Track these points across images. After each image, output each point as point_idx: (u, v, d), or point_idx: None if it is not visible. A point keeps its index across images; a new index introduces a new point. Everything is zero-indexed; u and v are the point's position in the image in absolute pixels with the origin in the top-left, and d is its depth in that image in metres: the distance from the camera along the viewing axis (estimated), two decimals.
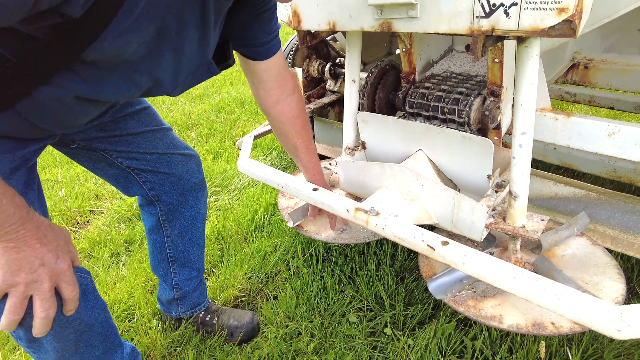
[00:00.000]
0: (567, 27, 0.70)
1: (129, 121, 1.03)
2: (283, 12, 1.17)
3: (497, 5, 0.75)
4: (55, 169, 2.54)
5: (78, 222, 2.02)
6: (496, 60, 1.08)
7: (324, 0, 0.99)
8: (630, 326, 0.71)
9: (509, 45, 1.04)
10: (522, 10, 0.73)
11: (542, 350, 1.15)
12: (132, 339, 1.33)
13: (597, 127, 1.24)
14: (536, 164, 1.84)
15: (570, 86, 2.17)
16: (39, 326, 0.70)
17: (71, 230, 1.94)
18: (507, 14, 0.74)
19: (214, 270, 1.61)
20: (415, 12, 0.84)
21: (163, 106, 3.34)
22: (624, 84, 1.91)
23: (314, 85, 1.94)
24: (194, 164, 1.19)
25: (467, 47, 0.84)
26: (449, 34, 0.85)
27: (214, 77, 4.02)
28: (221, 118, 3.05)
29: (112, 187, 2.22)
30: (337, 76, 1.89)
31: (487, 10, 0.76)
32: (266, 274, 1.57)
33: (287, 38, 2.27)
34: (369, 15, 0.92)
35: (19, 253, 0.65)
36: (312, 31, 1.21)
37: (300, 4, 1.05)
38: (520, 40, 0.83)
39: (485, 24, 0.77)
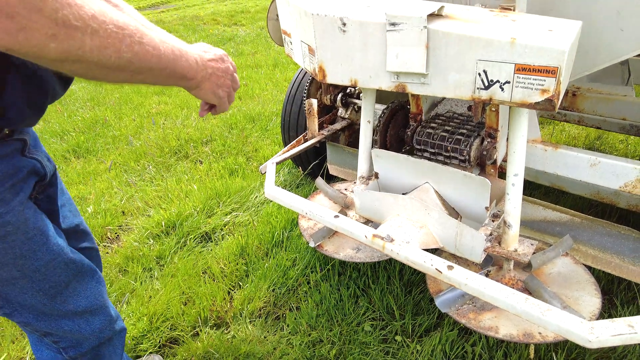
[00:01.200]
0: (548, 104, 0.88)
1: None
2: (308, 64, 1.35)
3: (494, 81, 0.93)
4: (80, 185, 2.71)
5: (108, 238, 2.19)
6: (493, 109, 1.27)
7: (347, 61, 1.17)
8: (599, 338, 0.90)
9: None
10: (513, 87, 0.92)
11: (532, 352, 1.35)
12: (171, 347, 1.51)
13: (580, 158, 1.44)
14: (530, 184, 2.03)
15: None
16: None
17: (103, 245, 2.12)
18: (502, 89, 0.93)
19: (240, 283, 1.79)
20: (427, 80, 1.03)
21: (177, 121, 3.52)
22: (607, 110, 2.10)
23: (326, 112, 2.12)
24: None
25: (469, 108, 1.02)
26: (455, 97, 1.03)
27: None
28: (233, 134, 3.23)
29: (138, 203, 2.39)
30: (348, 104, 2.07)
31: (486, 84, 0.95)
32: (287, 287, 1.75)
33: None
34: (386, 77, 1.11)
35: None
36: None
37: (325, 61, 1.23)
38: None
39: (484, 94, 0.96)
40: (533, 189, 2.25)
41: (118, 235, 2.20)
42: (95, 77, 0.65)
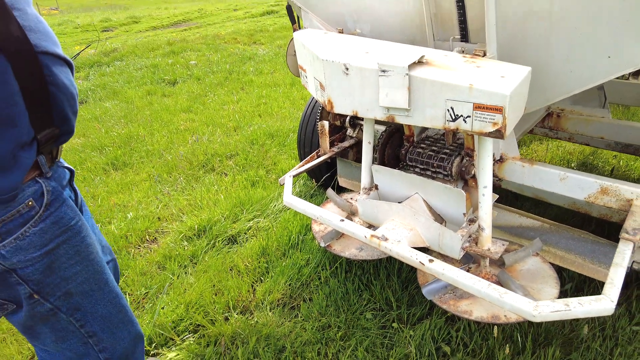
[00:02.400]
0: (498, 133, 1.17)
1: None
2: (320, 96, 1.66)
3: (459, 115, 1.22)
4: (120, 194, 3.07)
5: (147, 240, 2.53)
6: (469, 134, 1.56)
7: (350, 96, 1.47)
8: (541, 313, 1.16)
9: None
10: (473, 120, 1.20)
11: (495, 332, 1.62)
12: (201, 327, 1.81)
13: (552, 173, 1.70)
14: (519, 196, 2.28)
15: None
16: None
17: (143, 246, 2.45)
18: (465, 121, 1.22)
19: (261, 278, 2.09)
20: (410, 113, 1.32)
21: (204, 137, 3.88)
22: (588, 130, 2.35)
23: (336, 131, 2.42)
24: None
25: (443, 134, 1.31)
26: (431, 127, 1.32)
27: (245, 108, 4.57)
28: (255, 149, 3.56)
29: (172, 210, 2.73)
30: (355, 125, 2.37)
31: (454, 117, 1.24)
32: (302, 282, 2.04)
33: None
34: (380, 110, 1.40)
35: None
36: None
37: (333, 95, 1.54)
38: None
39: (452, 125, 1.25)
40: (523, 200, 2.49)
41: (155, 238, 2.53)
42: None
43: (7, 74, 0.75)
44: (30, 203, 0.84)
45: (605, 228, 2.17)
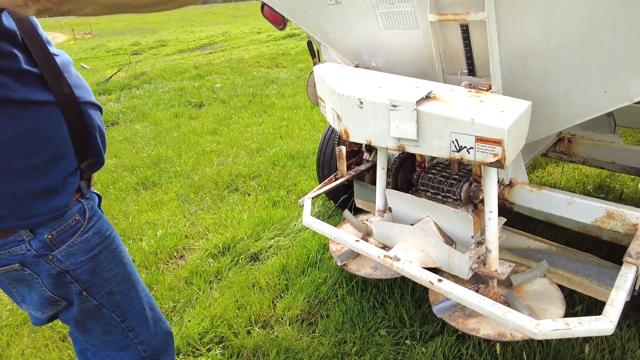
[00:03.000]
0: (499, 164, 1.28)
1: None
2: (337, 126, 1.80)
3: (463, 147, 1.34)
4: (150, 212, 3.26)
5: (175, 256, 2.69)
6: (472, 163, 1.66)
7: (364, 127, 1.61)
8: (542, 332, 1.24)
9: None
10: (476, 151, 1.32)
11: (498, 348, 1.68)
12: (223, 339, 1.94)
13: (559, 198, 1.78)
14: (531, 219, 2.34)
15: None
16: None
17: (172, 262, 2.61)
18: (469, 152, 1.33)
19: (281, 295, 2.21)
20: (418, 144, 1.44)
21: (228, 159, 4.07)
22: (599, 155, 2.41)
23: (353, 155, 2.56)
24: None
25: (447, 164, 1.42)
26: (438, 156, 1.44)
27: (267, 131, 4.76)
28: (276, 170, 3.73)
29: (199, 229, 2.90)
30: (371, 150, 2.50)
31: (458, 148, 1.35)
32: (319, 299, 2.15)
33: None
34: (391, 140, 1.53)
35: None
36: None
37: (349, 126, 1.67)
38: None
39: (457, 155, 1.37)
40: (536, 222, 2.55)
41: (183, 255, 2.70)
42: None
43: (61, 121, 0.95)
44: (77, 217, 1.03)
45: (617, 251, 2.21)
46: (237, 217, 2.98)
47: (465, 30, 1.59)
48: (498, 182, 1.86)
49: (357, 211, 2.63)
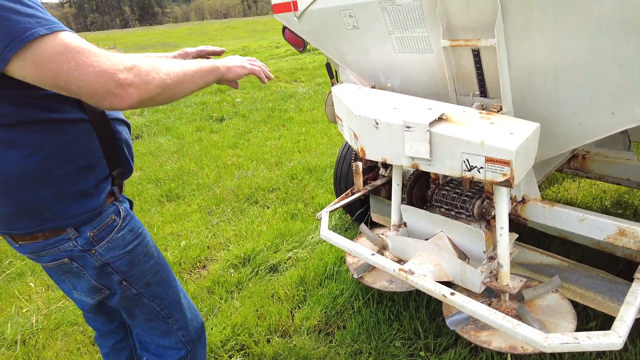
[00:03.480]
0: (507, 183, 1.35)
1: None
2: (354, 144, 1.89)
3: (474, 166, 1.41)
4: (173, 224, 3.40)
5: (198, 267, 2.80)
6: (482, 182, 1.73)
7: (379, 146, 1.69)
8: (551, 345, 1.29)
9: None
10: (486, 171, 1.39)
11: (509, 358, 1.71)
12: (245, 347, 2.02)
13: (571, 214, 1.83)
14: (546, 235, 2.38)
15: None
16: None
17: (195, 272, 2.73)
18: (479, 171, 1.41)
19: (299, 305, 2.29)
20: (431, 163, 1.52)
21: (248, 172, 4.21)
22: (613, 172, 2.44)
23: (370, 171, 2.64)
24: None
25: (460, 181, 1.49)
26: (450, 175, 1.52)
27: (285, 144, 4.89)
28: (294, 184, 3.83)
29: (220, 240, 3.01)
30: (387, 165, 2.58)
31: (469, 168, 1.43)
32: (336, 310, 2.22)
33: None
34: (405, 159, 1.61)
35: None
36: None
37: (365, 144, 1.76)
38: None
39: (468, 174, 1.44)
40: (551, 238, 2.57)
41: (205, 265, 2.81)
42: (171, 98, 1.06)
43: (93, 135, 1.11)
44: (113, 217, 1.18)
45: (633, 268, 2.21)
46: (257, 229, 3.08)
47: (476, 54, 1.68)
48: (511, 198, 1.92)
49: (373, 225, 2.70)
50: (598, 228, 1.78)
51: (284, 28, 2.42)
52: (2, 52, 0.81)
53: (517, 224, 2.00)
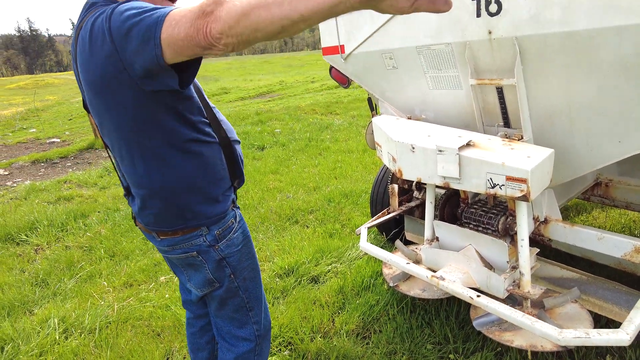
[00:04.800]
0: (524, 198, 1.60)
1: None
2: (392, 166, 2.18)
3: (496, 184, 1.67)
4: None
5: None
6: (504, 198, 1.97)
7: (415, 167, 1.98)
8: (565, 338, 1.50)
9: None
10: (506, 188, 1.65)
11: (529, 355, 1.89)
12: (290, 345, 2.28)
13: (590, 233, 2.03)
14: (572, 256, 2.54)
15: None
16: None
17: None
18: (501, 189, 1.66)
19: (339, 312, 2.54)
20: (460, 181, 1.79)
21: (289, 195, 4.55)
22: (636, 199, 2.60)
23: (404, 193, 2.91)
24: None
25: (487, 200, 1.75)
26: (476, 192, 1.78)
27: (323, 171, 5.23)
28: (331, 206, 4.13)
29: (266, 253, 3.32)
30: (421, 188, 2.85)
31: (492, 185, 1.69)
32: (372, 317, 2.45)
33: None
34: (438, 178, 1.89)
35: None
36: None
37: (402, 166, 2.06)
38: None
39: (491, 191, 1.70)
40: (577, 260, 2.73)
41: None
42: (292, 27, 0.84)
43: (221, 153, 1.39)
44: (232, 220, 1.43)
45: None
46: (299, 245, 3.38)
47: (500, 91, 1.96)
48: (534, 218, 2.15)
49: (406, 243, 2.94)
50: (615, 246, 1.97)
51: (331, 67, 2.80)
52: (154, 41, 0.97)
53: (543, 247, 2.20)
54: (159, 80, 1.08)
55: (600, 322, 2.13)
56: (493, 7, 1.71)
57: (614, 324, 2.11)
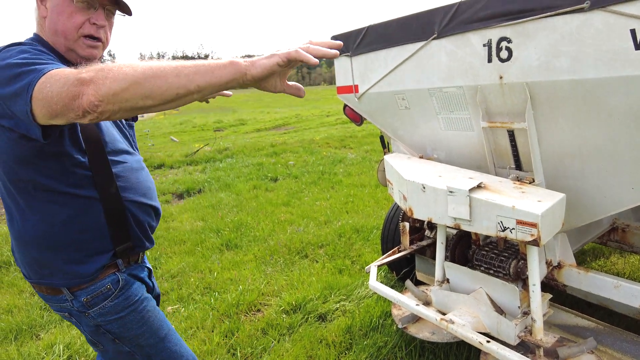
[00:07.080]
0: (535, 242, 1.58)
1: None
2: (402, 205, 2.19)
3: (507, 227, 1.66)
4: (232, 270, 3.74)
5: (254, 310, 3.08)
6: (514, 242, 1.95)
7: (425, 207, 1.98)
8: None
9: None
10: (517, 232, 1.63)
11: None
12: None
13: (606, 281, 1.98)
14: (590, 304, 2.46)
15: None
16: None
17: (250, 314, 3.00)
18: (511, 232, 1.65)
19: (346, 352, 2.48)
20: (471, 223, 1.79)
21: (299, 229, 4.55)
22: None
23: (416, 231, 2.89)
24: None
25: (497, 240, 1.73)
26: (487, 234, 1.77)
27: (334, 205, 5.24)
28: (342, 241, 4.11)
29: (274, 287, 3.29)
30: (432, 227, 2.83)
31: (503, 229, 1.68)
32: (380, 359, 2.39)
33: None
34: (449, 219, 1.89)
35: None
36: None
37: (413, 205, 2.06)
38: None
39: (502, 234, 1.69)
40: (595, 307, 2.63)
41: (260, 309, 3.08)
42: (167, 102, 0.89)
43: (100, 214, 1.24)
44: (109, 287, 1.27)
45: None
46: (307, 280, 3.35)
47: (511, 134, 1.98)
48: (547, 263, 2.11)
49: (417, 283, 2.89)
50: (633, 295, 1.91)
51: (345, 105, 2.87)
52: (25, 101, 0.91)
53: (558, 293, 2.14)
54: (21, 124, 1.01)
55: None
56: (504, 54, 1.75)
57: None
